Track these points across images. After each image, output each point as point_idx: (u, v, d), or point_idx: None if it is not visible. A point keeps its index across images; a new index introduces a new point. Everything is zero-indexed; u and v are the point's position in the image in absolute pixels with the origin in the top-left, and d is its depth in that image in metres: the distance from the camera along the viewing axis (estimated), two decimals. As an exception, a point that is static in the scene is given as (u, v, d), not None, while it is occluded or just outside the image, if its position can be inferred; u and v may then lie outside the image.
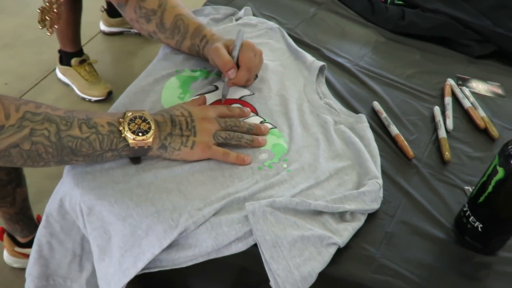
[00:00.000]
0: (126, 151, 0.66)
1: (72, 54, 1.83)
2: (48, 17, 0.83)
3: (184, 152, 0.69)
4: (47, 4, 0.82)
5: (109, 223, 0.65)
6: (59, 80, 1.91)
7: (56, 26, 0.86)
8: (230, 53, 0.79)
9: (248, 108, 0.80)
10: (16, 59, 1.96)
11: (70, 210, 0.69)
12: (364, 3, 1.14)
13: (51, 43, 1.90)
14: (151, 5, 0.85)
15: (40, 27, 0.85)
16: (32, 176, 1.18)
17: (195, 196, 0.66)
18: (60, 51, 1.85)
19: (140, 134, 0.65)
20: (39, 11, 0.83)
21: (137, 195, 0.65)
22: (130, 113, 0.66)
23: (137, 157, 0.69)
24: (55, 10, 0.83)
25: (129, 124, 0.65)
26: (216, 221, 0.63)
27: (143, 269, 0.62)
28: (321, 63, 0.90)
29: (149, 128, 0.66)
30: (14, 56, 1.98)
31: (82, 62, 1.84)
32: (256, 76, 0.84)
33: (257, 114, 0.81)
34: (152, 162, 0.70)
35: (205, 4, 1.08)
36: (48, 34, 0.86)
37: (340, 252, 0.64)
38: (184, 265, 0.63)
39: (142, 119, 0.66)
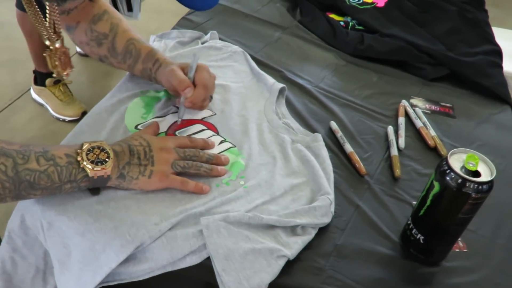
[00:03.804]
0: (85, 182, 0.66)
1: (46, 74, 1.85)
2: (57, 60, 0.81)
3: (142, 181, 0.70)
4: (50, 48, 0.79)
5: (69, 238, 0.67)
6: (34, 100, 1.93)
7: (70, 70, 0.84)
8: (185, 75, 0.81)
9: (213, 141, 0.81)
10: (-10, 80, 1.98)
11: (31, 226, 0.71)
12: (326, 28, 1.20)
13: (26, 63, 1.92)
14: (102, 29, 0.86)
15: (55, 75, 0.83)
16: None
17: (153, 212, 0.69)
18: (34, 72, 1.87)
19: (99, 163, 0.66)
20: (46, 55, 0.80)
21: (97, 210, 0.68)
22: (88, 144, 0.67)
23: (96, 188, 0.69)
24: (63, 50, 0.81)
25: (87, 154, 0.66)
26: (171, 235, 0.66)
27: (102, 282, 0.64)
28: (281, 85, 0.95)
29: (108, 157, 0.67)
30: (-12, 77, 2.00)
31: (56, 82, 1.87)
32: (211, 97, 0.87)
33: (217, 133, 0.85)
34: (113, 179, 0.72)
35: (173, 28, 1.13)
36: (65, 78, 0.84)
37: (292, 264, 0.67)
38: (141, 278, 0.65)
39: (100, 149, 0.67)
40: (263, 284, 0.63)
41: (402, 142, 0.90)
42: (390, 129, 0.93)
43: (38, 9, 0.74)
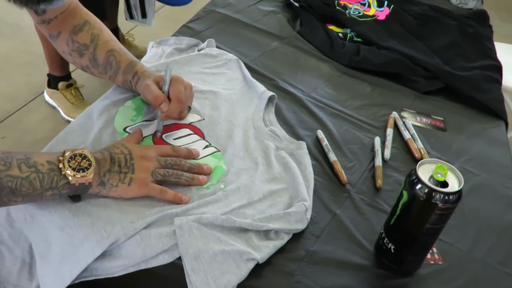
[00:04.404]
0: (67, 189, 0.67)
1: (60, 78, 1.91)
2: None
3: (121, 189, 0.71)
4: None
5: (49, 231, 0.70)
6: (46, 102, 1.99)
7: None
8: (160, 88, 0.83)
9: (197, 150, 0.82)
10: (6, 81, 2.04)
11: (16, 219, 0.74)
12: (323, 39, 1.21)
13: (41, 67, 1.98)
14: (83, 39, 0.88)
15: None
16: None
17: (131, 210, 0.71)
18: (48, 75, 1.93)
19: (80, 171, 0.67)
20: None
21: (76, 206, 0.70)
22: (70, 151, 0.68)
23: (77, 195, 0.70)
24: None
25: (69, 162, 0.67)
26: (146, 234, 0.68)
27: (80, 277, 0.67)
28: (271, 93, 0.96)
29: (90, 165, 0.68)
30: (5, 78, 2.07)
31: (69, 86, 1.92)
32: (189, 108, 0.88)
33: (203, 138, 0.86)
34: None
35: (173, 35, 1.16)
36: None
37: (263, 267, 0.68)
38: (116, 275, 0.67)
39: (82, 156, 0.68)
40: (230, 285, 0.64)
41: (387, 153, 0.91)
42: (377, 139, 0.94)
43: None
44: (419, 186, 0.62)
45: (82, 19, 0.90)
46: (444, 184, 0.62)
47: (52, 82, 1.93)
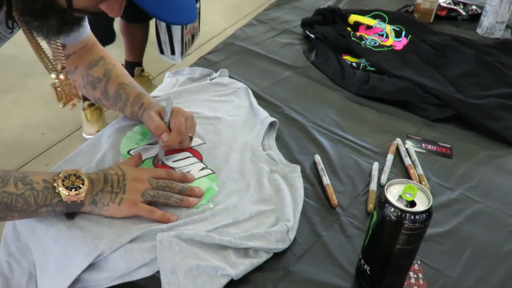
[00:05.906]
0: (60, 206, 0.71)
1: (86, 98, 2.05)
2: (62, 92, 0.85)
3: (111, 208, 0.74)
4: (57, 80, 0.83)
5: (46, 243, 0.75)
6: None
7: (77, 100, 0.87)
8: (162, 119, 0.87)
9: (193, 175, 0.85)
10: (55, 114, 2.20)
11: (21, 232, 0.80)
12: (335, 69, 1.23)
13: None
14: (97, 74, 0.94)
15: (61, 106, 0.85)
16: None
17: (120, 226, 0.75)
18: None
19: (73, 189, 0.71)
20: (51, 87, 0.82)
21: (71, 220, 0.75)
22: (65, 171, 0.72)
23: (72, 213, 0.74)
24: (68, 82, 0.84)
25: (63, 180, 0.71)
26: (130, 247, 0.71)
27: (72, 288, 0.71)
28: (272, 118, 0.99)
29: (83, 184, 0.72)
30: (54, 111, 2.22)
31: (90, 105, 2.06)
32: (191, 137, 0.91)
33: (201, 161, 0.90)
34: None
35: (191, 66, 1.22)
36: (70, 108, 0.88)
37: (238, 284, 0.69)
38: (104, 286, 0.71)
39: (76, 176, 0.72)
40: (203, 299, 0.66)
41: (384, 178, 0.90)
42: (375, 165, 0.93)
43: (40, 43, 0.83)
44: (386, 206, 0.62)
45: (98, 55, 0.97)
46: (414, 204, 0.62)
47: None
